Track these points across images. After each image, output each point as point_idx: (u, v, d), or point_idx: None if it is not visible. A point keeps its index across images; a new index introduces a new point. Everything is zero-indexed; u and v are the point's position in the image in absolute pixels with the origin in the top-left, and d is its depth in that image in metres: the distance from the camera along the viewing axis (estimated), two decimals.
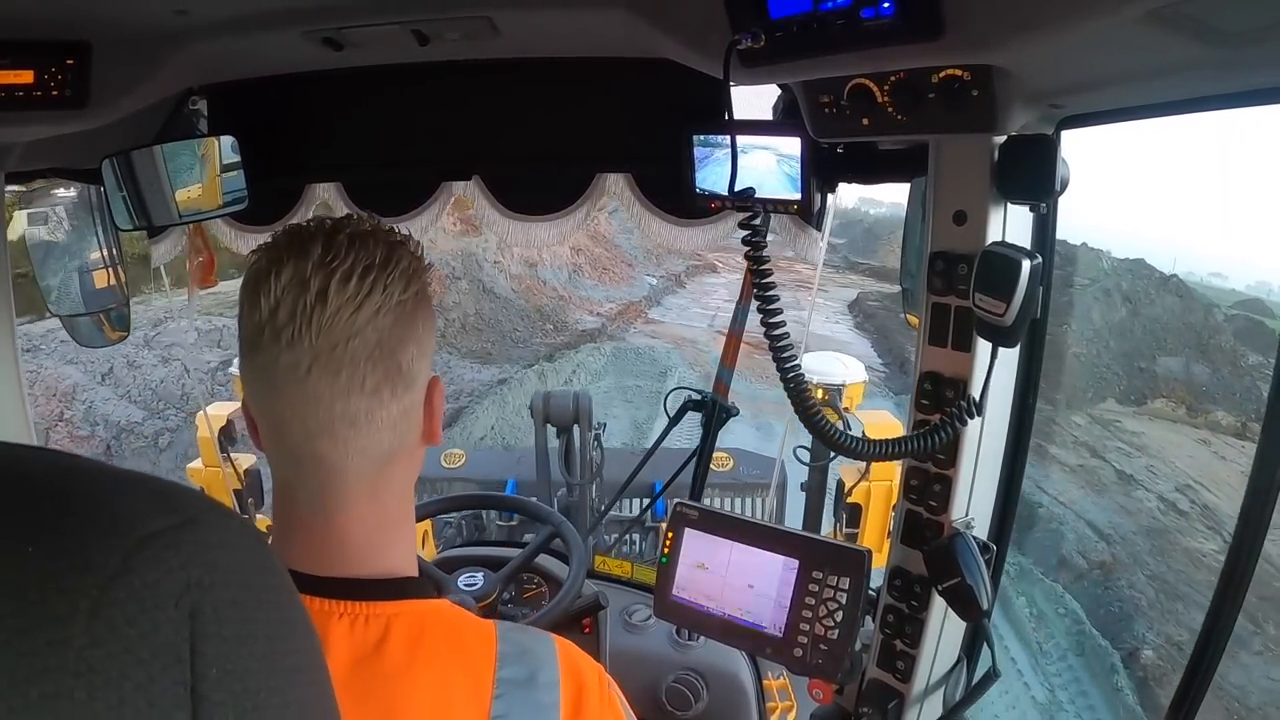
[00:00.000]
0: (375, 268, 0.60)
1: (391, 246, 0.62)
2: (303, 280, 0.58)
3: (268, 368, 0.59)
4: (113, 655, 0.25)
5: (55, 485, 0.29)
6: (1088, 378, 14.93)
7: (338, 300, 0.58)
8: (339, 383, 0.59)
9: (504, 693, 0.61)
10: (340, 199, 1.62)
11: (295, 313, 0.57)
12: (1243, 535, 0.96)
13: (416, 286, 0.63)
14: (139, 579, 0.26)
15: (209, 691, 0.27)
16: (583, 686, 0.65)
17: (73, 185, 1.57)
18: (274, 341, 0.58)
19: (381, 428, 0.62)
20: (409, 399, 0.64)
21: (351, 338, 0.58)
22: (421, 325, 0.64)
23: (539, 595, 1.75)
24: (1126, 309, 16.48)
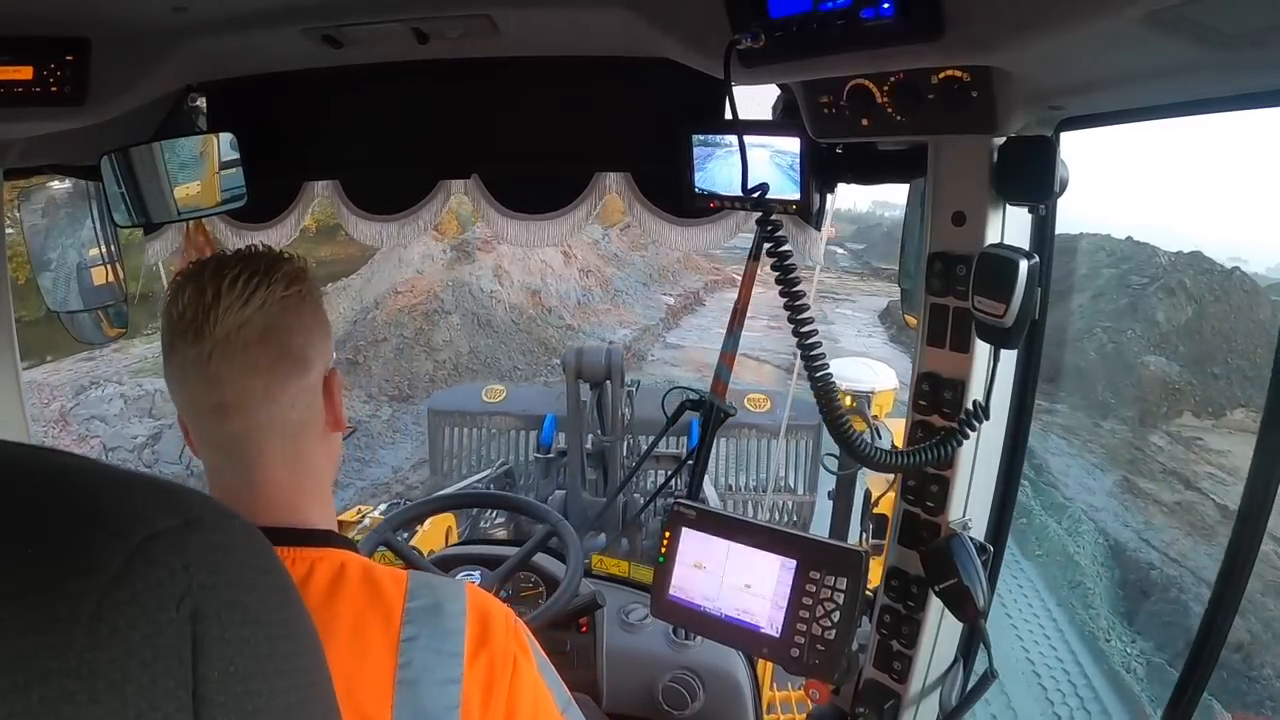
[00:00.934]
0: (259, 272, 0.71)
1: (274, 259, 0.74)
2: (200, 289, 0.70)
3: (181, 365, 0.70)
4: (115, 658, 0.25)
5: (56, 486, 0.28)
6: (1160, 390, 13.32)
7: (229, 298, 0.69)
8: (235, 364, 0.69)
9: (412, 619, 0.68)
10: (338, 197, 1.62)
11: (196, 314, 0.69)
12: (1241, 535, 0.96)
13: (298, 287, 0.74)
14: (141, 581, 0.26)
15: (211, 693, 0.27)
16: (488, 617, 0.71)
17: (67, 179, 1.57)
18: (181, 340, 0.70)
19: (282, 404, 0.72)
20: (305, 381, 0.73)
21: (243, 326, 0.69)
22: (308, 317, 0.74)
23: (536, 594, 1.75)
24: (1192, 309, 14.44)
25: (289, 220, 1.64)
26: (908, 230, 1.38)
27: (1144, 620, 7.96)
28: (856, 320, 18.49)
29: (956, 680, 1.20)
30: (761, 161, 1.23)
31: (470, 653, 0.68)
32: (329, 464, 0.79)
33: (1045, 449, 11.58)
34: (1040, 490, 10.36)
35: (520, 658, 0.72)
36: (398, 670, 0.65)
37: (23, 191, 1.57)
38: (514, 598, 1.74)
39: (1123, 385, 13.44)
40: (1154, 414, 13.14)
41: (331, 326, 0.80)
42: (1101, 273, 15.68)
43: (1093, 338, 14.31)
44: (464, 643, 0.68)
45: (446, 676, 0.66)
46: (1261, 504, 0.93)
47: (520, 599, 1.74)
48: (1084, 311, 14.86)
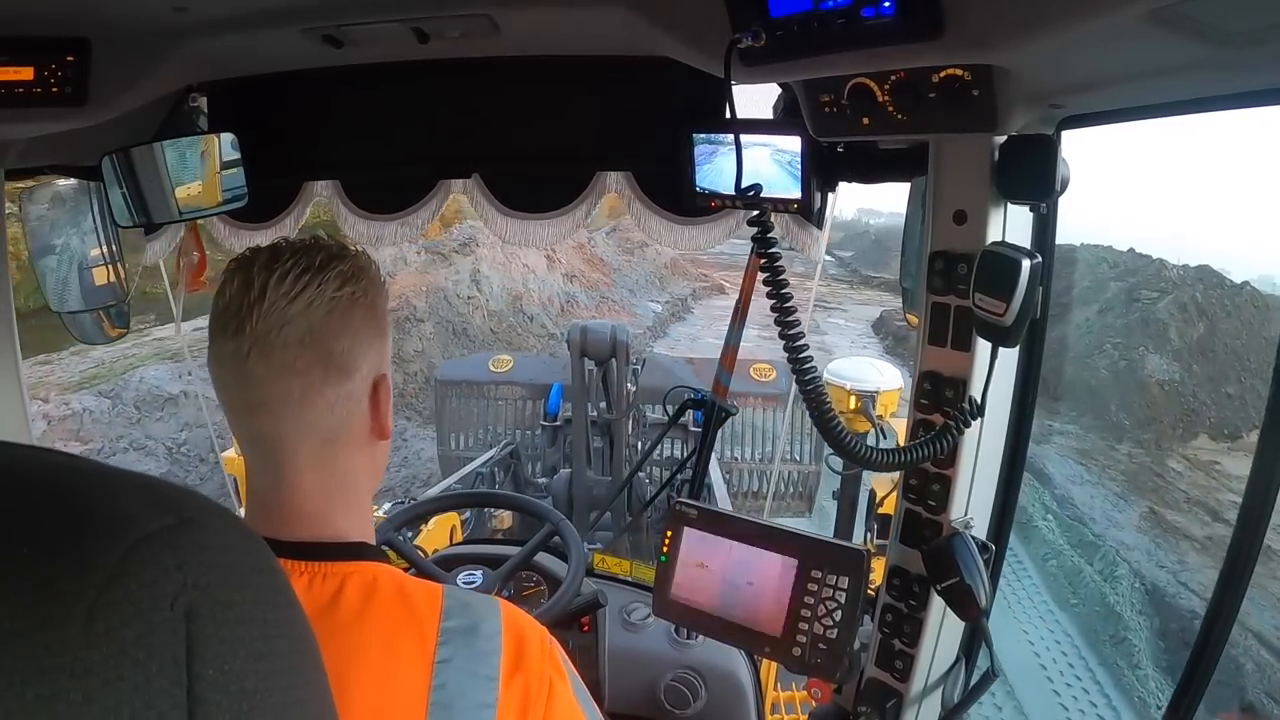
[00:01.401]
0: (312, 270, 0.68)
1: (332, 255, 0.71)
2: (248, 282, 0.68)
3: (220, 357, 0.69)
4: (109, 657, 0.25)
5: (51, 485, 0.28)
6: (1175, 410, 13.05)
7: (274, 294, 0.67)
8: (272, 363, 0.67)
9: (448, 640, 0.66)
10: (338, 196, 1.62)
11: (240, 308, 0.67)
12: (1242, 535, 0.96)
13: (353, 288, 0.70)
14: (135, 580, 0.26)
15: (205, 692, 0.27)
16: (524, 639, 0.70)
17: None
18: (222, 333, 0.68)
19: (318, 408, 0.69)
20: (345, 387, 0.70)
21: (285, 325, 0.67)
22: (359, 322, 0.71)
23: (538, 594, 1.75)
24: (1204, 325, 14.05)
25: (288, 220, 1.64)
26: (909, 229, 1.38)
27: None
28: (850, 330, 17.74)
29: (958, 679, 1.21)
30: (764, 159, 1.23)
31: (505, 676, 0.67)
32: (369, 472, 0.76)
33: (1066, 477, 11.24)
34: (1068, 526, 9.88)
35: (556, 680, 0.71)
36: (431, 693, 0.64)
37: (25, 192, 1.58)
38: (516, 597, 1.74)
39: (1136, 405, 13.01)
40: (1170, 436, 12.79)
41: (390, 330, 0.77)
42: (1108, 285, 15.20)
43: (1103, 354, 13.83)
44: (499, 665, 0.67)
45: (481, 700, 0.65)
46: (1262, 505, 0.93)
47: (522, 598, 1.74)
48: (1091, 326, 14.40)
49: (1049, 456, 11.63)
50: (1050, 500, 10.58)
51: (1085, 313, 14.50)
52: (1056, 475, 11.21)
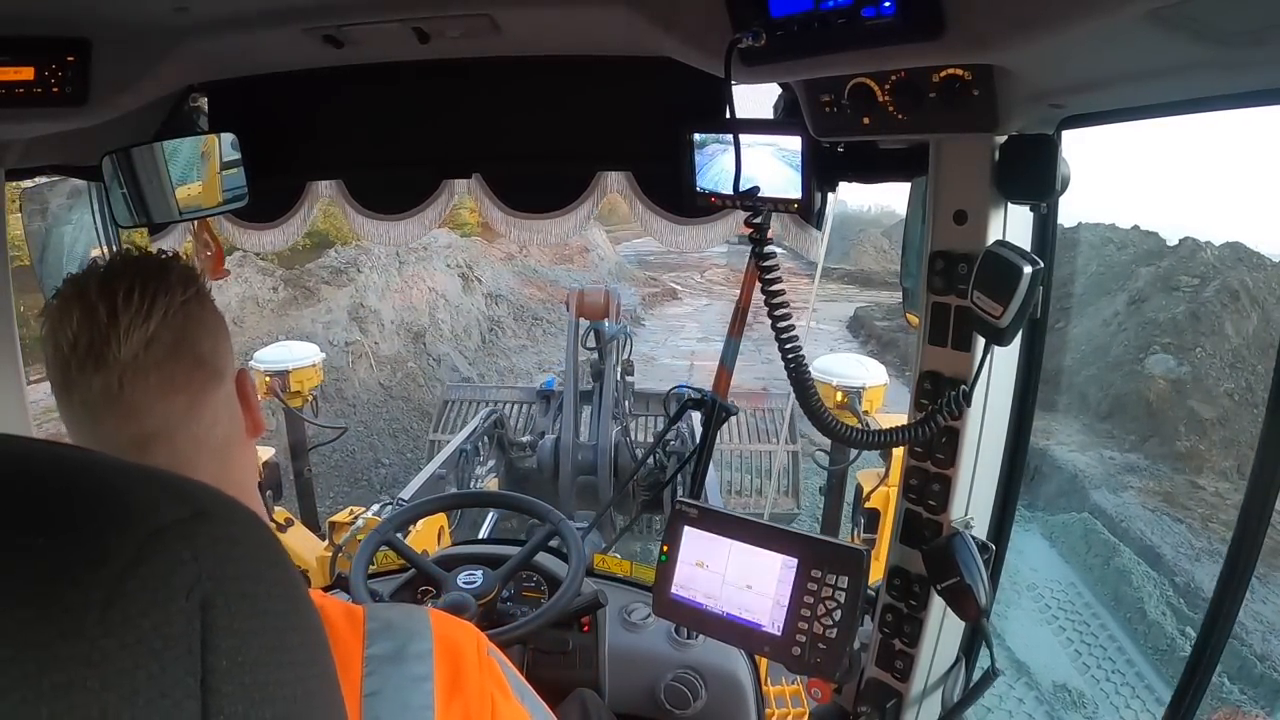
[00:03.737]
0: (152, 279, 0.64)
1: (161, 262, 0.67)
2: (91, 308, 0.62)
3: (85, 398, 0.62)
4: (126, 646, 0.25)
5: (65, 478, 0.29)
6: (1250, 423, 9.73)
7: (127, 315, 0.62)
8: (151, 387, 0.62)
9: (374, 670, 0.61)
10: (340, 196, 1.62)
11: (93, 338, 0.61)
12: (1242, 535, 0.96)
13: (194, 288, 0.67)
14: (151, 571, 0.27)
15: (219, 683, 0.27)
16: (458, 654, 0.65)
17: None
18: (81, 370, 0.61)
19: (207, 421, 0.66)
20: (222, 390, 0.68)
21: (150, 343, 0.62)
22: (211, 320, 0.68)
23: (538, 594, 1.75)
24: (1257, 315, 11.08)
25: (294, 220, 1.65)
26: (909, 229, 1.38)
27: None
28: (824, 334, 14.49)
29: (959, 679, 1.21)
30: (771, 162, 1.23)
31: (442, 702, 0.61)
32: (252, 476, 0.73)
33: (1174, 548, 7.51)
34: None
35: (498, 696, 0.66)
36: None
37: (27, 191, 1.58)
38: (516, 597, 1.74)
39: (1210, 424, 9.89)
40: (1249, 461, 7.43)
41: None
42: (1133, 270, 12.32)
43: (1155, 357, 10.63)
44: (433, 691, 0.61)
45: None
46: (1262, 504, 0.93)
47: (522, 598, 1.75)
48: (1124, 322, 11.48)
49: (1134, 512, 8.30)
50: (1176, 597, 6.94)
51: (1112, 305, 11.75)
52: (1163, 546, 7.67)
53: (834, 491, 3.45)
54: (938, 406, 1.00)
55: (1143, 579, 7.05)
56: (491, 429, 5.26)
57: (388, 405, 9.72)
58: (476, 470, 4.84)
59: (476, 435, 5.02)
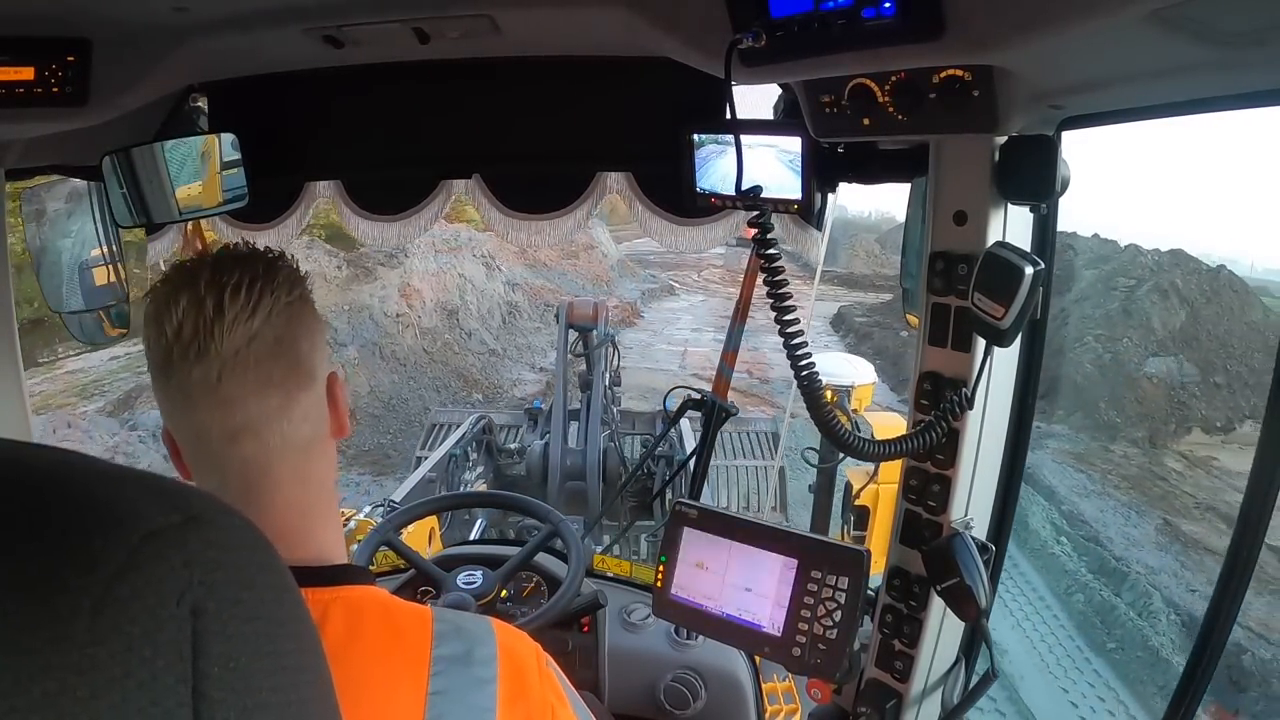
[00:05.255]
0: (260, 277, 0.66)
1: (270, 261, 0.69)
2: (199, 300, 0.63)
3: (183, 385, 0.64)
4: (115, 653, 0.25)
5: (57, 482, 0.29)
6: (1165, 405, 12.52)
7: (233, 310, 0.63)
8: (249, 382, 0.64)
9: (441, 669, 0.63)
10: (340, 197, 1.62)
11: (198, 328, 0.63)
12: (1242, 535, 0.96)
13: (299, 290, 0.69)
14: (142, 577, 0.26)
15: (211, 689, 0.27)
16: (520, 663, 0.67)
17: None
18: (183, 359, 0.63)
19: (296, 418, 0.67)
20: (314, 391, 0.69)
21: (252, 339, 0.64)
22: (311, 322, 0.70)
23: (538, 594, 1.75)
24: (1186, 312, 13.60)
25: (291, 220, 1.64)
26: (909, 230, 1.38)
27: (1220, 690, 6.57)
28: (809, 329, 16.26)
29: (958, 680, 1.21)
30: (771, 162, 1.23)
31: (504, 705, 0.64)
32: (333, 474, 0.74)
33: (1070, 489, 10.53)
34: (1085, 549, 9.11)
35: (558, 706, 0.69)
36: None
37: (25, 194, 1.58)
38: (516, 597, 1.74)
39: (1126, 401, 12.50)
40: (1163, 433, 12.28)
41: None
42: (1080, 273, 14.56)
43: (1085, 346, 13.18)
44: (496, 694, 0.64)
45: None
46: (1262, 504, 0.93)
47: (522, 598, 1.74)
48: (1068, 316, 13.62)
49: (1045, 464, 10.97)
50: (1060, 518, 9.86)
51: (1059, 302, 13.47)
52: (1059, 487, 10.58)
53: (823, 490, 3.47)
54: (941, 411, 1.00)
55: (1030, 502, 9.41)
56: (480, 435, 5.31)
57: (430, 366, 12.27)
58: (465, 475, 4.88)
59: (465, 440, 5.07)
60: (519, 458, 5.38)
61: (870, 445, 1.02)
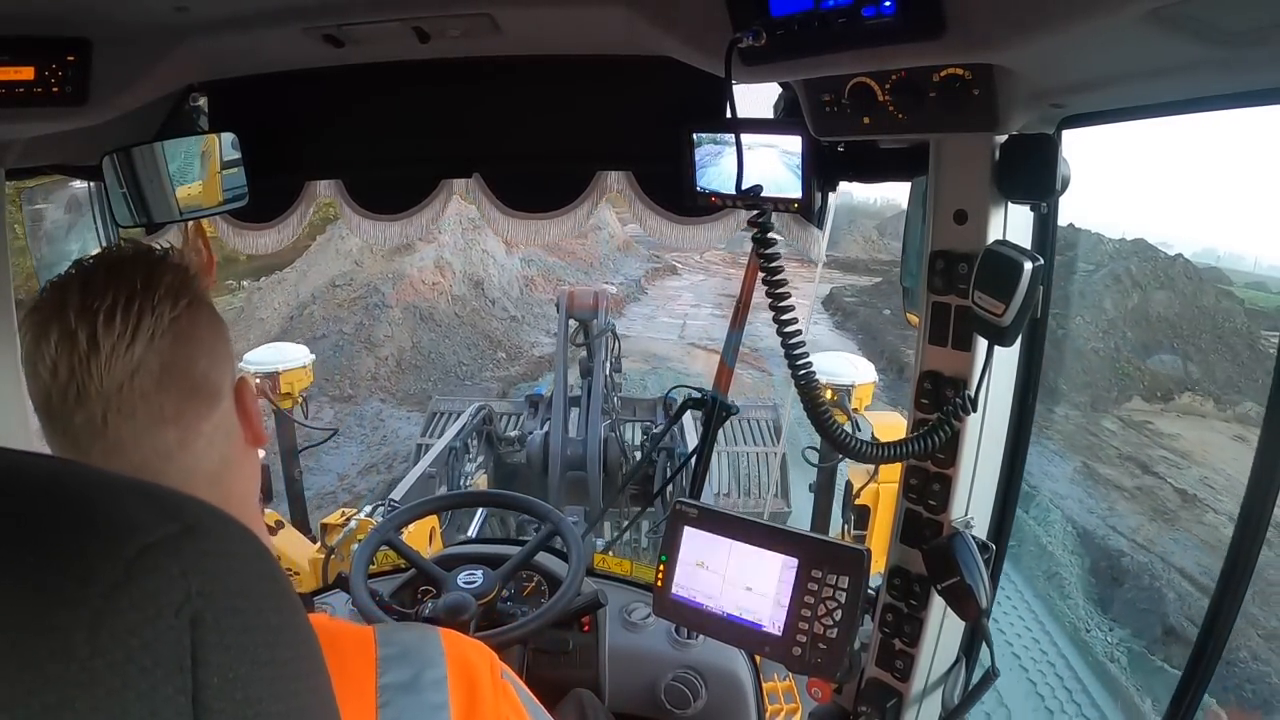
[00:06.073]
0: (137, 294, 0.57)
1: (150, 267, 0.60)
2: (70, 333, 0.56)
3: (68, 431, 0.57)
4: (115, 665, 0.25)
5: (54, 493, 0.28)
6: (1110, 374, 14.09)
7: (108, 341, 0.56)
8: (138, 422, 0.57)
9: (389, 700, 0.59)
10: (341, 196, 1.62)
11: (73, 368, 0.56)
12: (1242, 535, 0.96)
13: (187, 298, 0.60)
14: (140, 588, 0.26)
15: (211, 700, 0.27)
16: (474, 680, 0.63)
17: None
18: (64, 403, 0.56)
19: (199, 450, 0.60)
20: (218, 411, 0.62)
21: (135, 372, 0.56)
22: (205, 334, 0.61)
23: (538, 593, 1.75)
24: (1138, 295, 15.43)
25: (291, 219, 1.64)
26: (909, 229, 1.38)
27: (1119, 608, 8.18)
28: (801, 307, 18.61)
29: (959, 679, 1.21)
30: (770, 160, 1.23)
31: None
32: (253, 487, 0.68)
33: None
34: None
35: (512, 718, 0.65)
36: None
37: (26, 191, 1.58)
38: (515, 597, 1.74)
39: (1073, 371, 13.72)
40: (1105, 399, 13.61)
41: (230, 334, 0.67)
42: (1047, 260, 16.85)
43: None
44: (449, 717, 0.60)
45: None
46: (1262, 504, 0.93)
47: (522, 597, 1.74)
48: None
49: None
50: None
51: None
52: None
53: (824, 489, 3.47)
54: (944, 415, 0.99)
55: None
56: (480, 425, 5.32)
57: (461, 329, 14.23)
58: (466, 467, 4.87)
59: (466, 432, 5.07)
60: (519, 445, 5.38)
61: (869, 448, 1.01)
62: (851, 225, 27.83)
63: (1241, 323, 15.69)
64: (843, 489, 3.33)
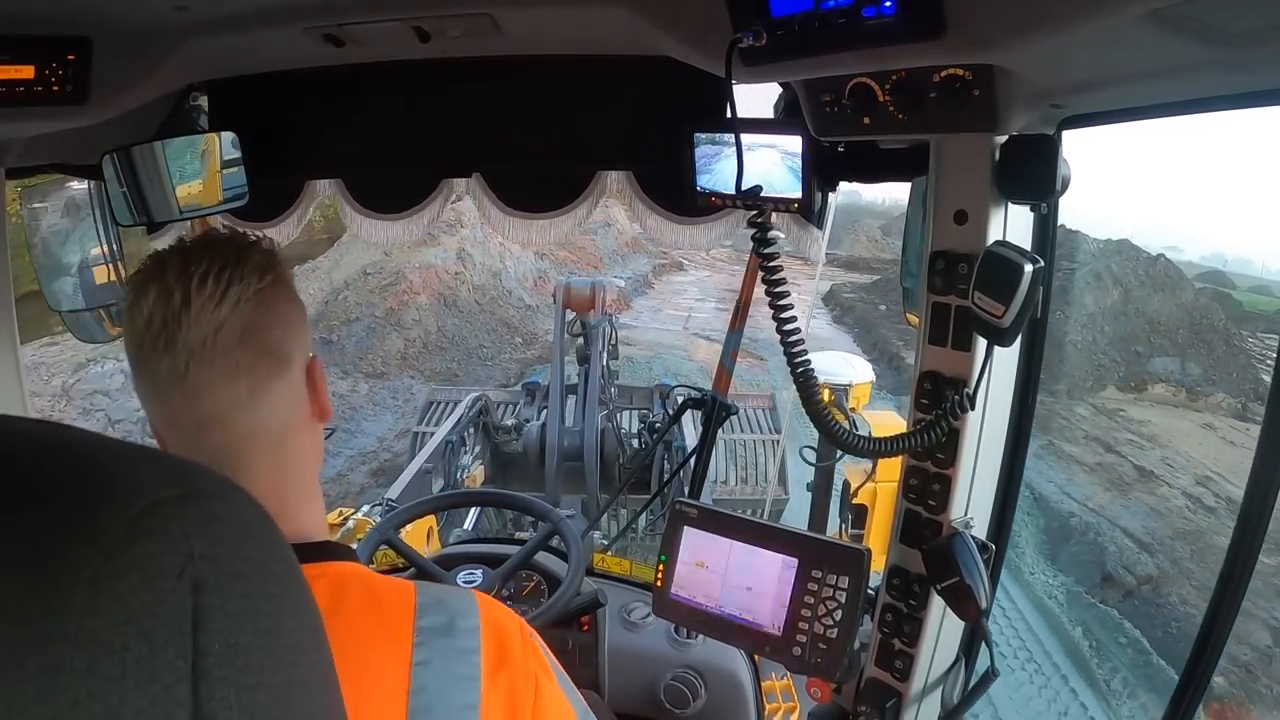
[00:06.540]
0: (229, 265, 0.66)
1: (242, 247, 0.68)
2: (167, 290, 0.64)
3: (153, 376, 0.65)
4: (114, 626, 0.24)
5: (58, 455, 0.28)
6: (1086, 365, 14.82)
7: (199, 299, 0.64)
8: (215, 371, 0.64)
9: (424, 640, 0.64)
10: (341, 195, 1.62)
11: (166, 319, 0.63)
12: (1242, 535, 0.96)
13: (272, 275, 0.68)
14: (142, 549, 0.26)
15: (211, 667, 0.27)
16: (504, 634, 0.68)
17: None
18: (152, 351, 0.64)
19: (265, 406, 0.67)
20: (288, 377, 0.69)
21: (219, 329, 0.64)
22: (284, 308, 0.69)
23: (538, 593, 1.75)
24: (1118, 292, 16.36)
25: (291, 218, 1.64)
26: (909, 229, 1.38)
27: (1065, 560, 9.22)
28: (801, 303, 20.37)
29: (958, 679, 1.21)
30: (772, 162, 1.23)
31: (488, 674, 0.64)
32: (315, 458, 0.74)
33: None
34: None
35: (542, 676, 0.69)
36: (410, 697, 0.61)
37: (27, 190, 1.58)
38: (515, 596, 1.74)
39: (1051, 361, 14.52)
40: (1080, 387, 14.24)
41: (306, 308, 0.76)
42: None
43: None
44: (480, 664, 0.64)
45: (463, 702, 0.62)
46: (1262, 504, 0.93)
47: (522, 598, 1.74)
48: None
49: None
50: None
51: None
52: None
53: (821, 488, 3.47)
54: (942, 412, 1.00)
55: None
56: (477, 417, 5.33)
57: (481, 315, 15.55)
58: (463, 460, 4.88)
59: (462, 425, 5.08)
60: (516, 434, 5.39)
61: (866, 442, 1.03)
62: (856, 224, 28.80)
63: (1219, 320, 16.55)
64: (840, 488, 3.33)
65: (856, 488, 3.14)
